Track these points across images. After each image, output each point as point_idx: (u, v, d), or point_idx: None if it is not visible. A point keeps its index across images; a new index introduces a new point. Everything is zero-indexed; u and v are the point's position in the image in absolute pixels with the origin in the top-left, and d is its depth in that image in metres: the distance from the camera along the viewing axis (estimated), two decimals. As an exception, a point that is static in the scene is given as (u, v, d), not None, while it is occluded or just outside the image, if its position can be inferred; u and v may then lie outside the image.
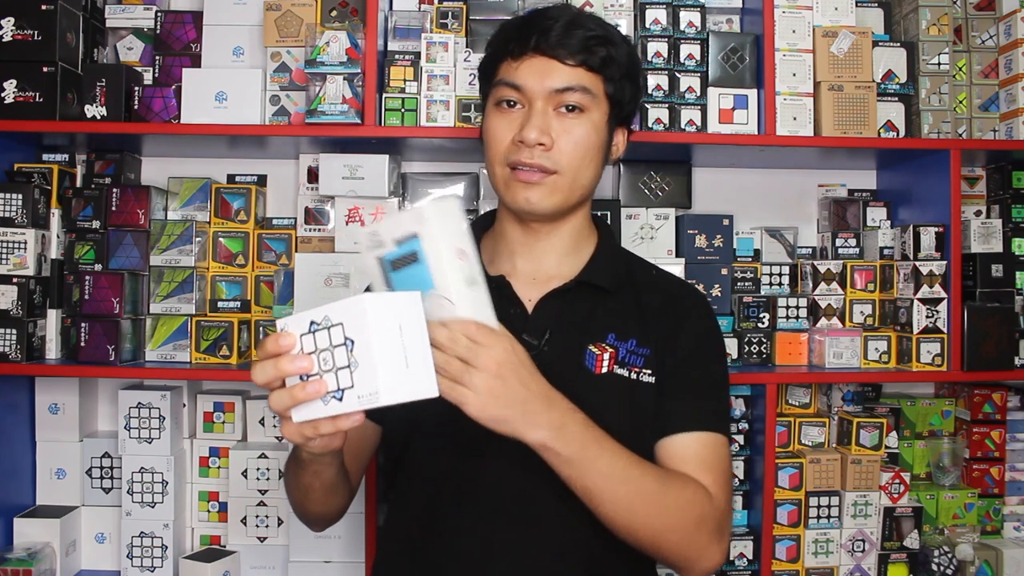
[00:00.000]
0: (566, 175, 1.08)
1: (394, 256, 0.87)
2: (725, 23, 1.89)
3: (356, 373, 0.80)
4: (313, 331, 0.83)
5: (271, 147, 1.83)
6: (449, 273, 0.85)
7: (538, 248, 1.15)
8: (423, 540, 1.10)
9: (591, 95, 1.08)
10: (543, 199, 1.08)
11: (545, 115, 1.07)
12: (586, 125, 1.08)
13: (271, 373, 0.85)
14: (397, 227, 0.86)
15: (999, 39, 1.85)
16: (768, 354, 1.80)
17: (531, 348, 1.08)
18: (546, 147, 1.06)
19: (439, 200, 0.87)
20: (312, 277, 1.68)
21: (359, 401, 0.80)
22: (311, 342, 0.83)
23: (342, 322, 0.81)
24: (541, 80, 1.07)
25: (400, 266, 0.87)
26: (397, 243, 0.86)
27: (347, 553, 1.71)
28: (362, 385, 0.80)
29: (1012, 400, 1.91)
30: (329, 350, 0.82)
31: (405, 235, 0.85)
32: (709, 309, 1.21)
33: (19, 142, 1.77)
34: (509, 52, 1.09)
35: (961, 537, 1.82)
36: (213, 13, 1.80)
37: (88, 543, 1.81)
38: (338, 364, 0.81)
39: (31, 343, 1.67)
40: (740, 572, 1.76)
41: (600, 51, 1.08)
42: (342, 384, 0.81)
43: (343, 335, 0.81)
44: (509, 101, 1.09)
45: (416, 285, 0.85)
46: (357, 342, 0.80)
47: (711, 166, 1.97)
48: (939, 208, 1.76)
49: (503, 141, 1.09)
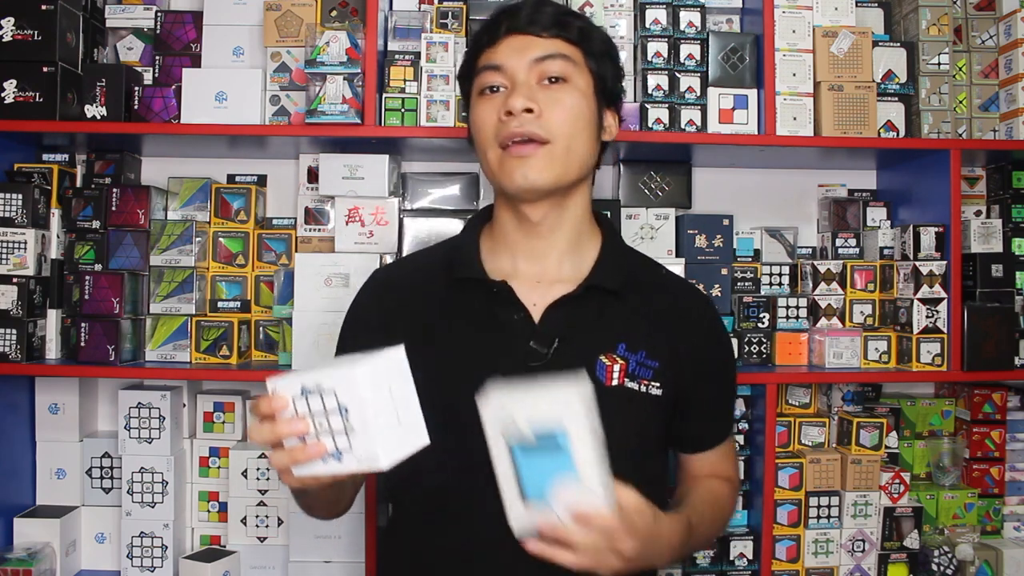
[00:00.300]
0: (559, 143, 1.05)
1: (530, 446, 0.84)
2: (725, 23, 1.89)
3: (354, 438, 0.82)
4: (305, 395, 0.83)
5: (271, 147, 1.83)
6: (596, 465, 0.83)
7: (539, 248, 1.12)
8: (427, 552, 1.10)
9: (572, 63, 1.07)
10: (540, 172, 1.04)
11: (529, 86, 1.05)
12: (573, 94, 1.07)
13: (267, 436, 0.87)
14: (538, 413, 0.83)
15: (999, 39, 1.85)
16: (768, 354, 1.80)
17: (538, 357, 1.07)
18: (535, 113, 1.04)
19: (579, 385, 0.82)
20: (312, 277, 1.68)
21: (359, 464, 0.83)
22: (304, 405, 0.84)
23: (334, 389, 0.82)
24: (520, 54, 1.06)
25: (534, 451, 0.84)
26: (536, 434, 0.83)
27: (347, 553, 1.71)
28: (360, 450, 0.82)
29: (1012, 400, 1.91)
30: (324, 414, 0.83)
31: (546, 426, 0.82)
32: (718, 316, 1.23)
33: (19, 142, 1.77)
34: (485, 43, 1.09)
35: (961, 537, 1.82)
36: (213, 13, 1.80)
37: (88, 543, 1.81)
38: (334, 428, 0.83)
39: (31, 343, 1.67)
40: (740, 572, 1.75)
41: (575, 23, 1.08)
42: (340, 447, 0.83)
43: (336, 402, 0.82)
44: (492, 87, 1.08)
45: (551, 471, 0.84)
46: (351, 410, 0.82)
47: (711, 166, 1.97)
48: (939, 208, 1.76)
49: (490, 122, 1.07)
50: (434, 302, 1.13)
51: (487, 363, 1.06)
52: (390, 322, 1.13)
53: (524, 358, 1.07)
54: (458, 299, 1.11)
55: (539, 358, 1.07)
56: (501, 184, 1.08)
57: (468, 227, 1.20)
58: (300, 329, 1.66)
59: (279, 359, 1.73)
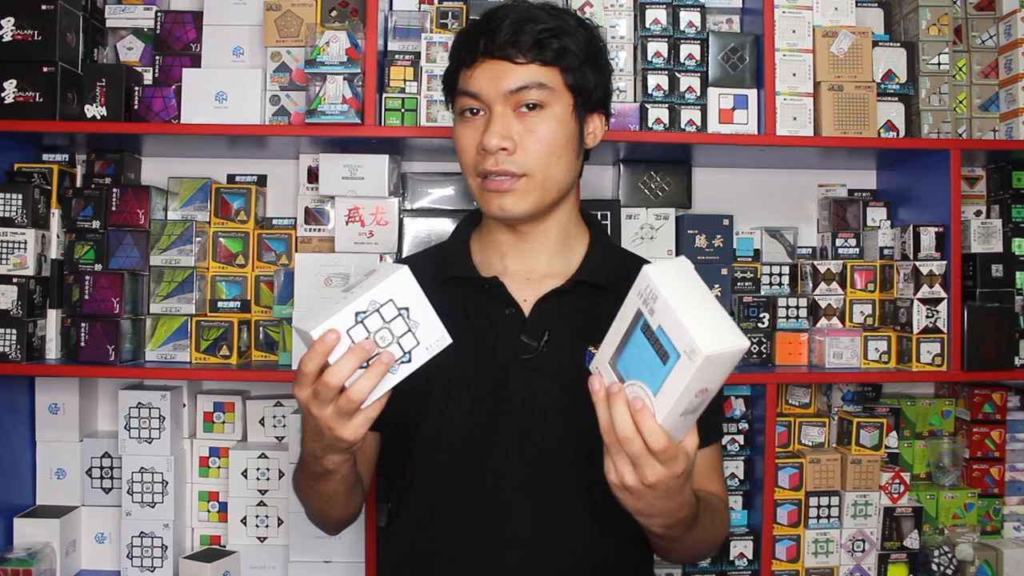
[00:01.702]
0: (536, 175, 1.06)
1: (651, 329, 0.81)
2: (725, 23, 1.89)
3: (419, 331, 0.89)
4: (361, 320, 0.87)
5: (271, 147, 1.83)
6: (673, 406, 0.79)
7: (527, 249, 1.14)
8: (426, 547, 1.10)
9: (549, 90, 1.05)
10: (516, 204, 1.06)
11: (504, 119, 1.05)
12: (549, 122, 1.06)
13: (349, 366, 0.86)
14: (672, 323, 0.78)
15: (999, 39, 1.85)
16: (768, 354, 1.80)
17: (530, 350, 1.08)
18: (509, 151, 1.04)
19: (720, 344, 0.76)
20: (312, 277, 1.68)
21: (427, 352, 0.90)
22: (361, 331, 0.87)
23: (391, 298, 0.88)
24: (495, 84, 1.04)
25: (650, 340, 0.81)
26: (661, 331, 0.79)
27: (347, 553, 1.71)
28: (427, 337, 0.90)
29: (1012, 400, 1.91)
30: (385, 327, 0.88)
31: (673, 342, 0.78)
32: None
33: (19, 142, 1.77)
34: (463, 60, 1.08)
35: (961, 537, 1.82)
36: (213, 13, 1.80)
37: (88, 543, 1.81)
38: (397, 334, 0.88)
39: (31, 343, 1.67)
40: (740, 572, 1.76)
41: (552, 44, 1.05)
42: (406, 347, 0.89)
43: (395, 308, 0.88)
44: (471, 109, 1.08)
45: (645, 366, 0.81)
46: (412, 307, 0.89)
47: (711, 166, 1.97)
48: (939, 208, 1.76)
49: (469, 151, 1.08)
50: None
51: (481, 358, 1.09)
52: None
53: (515, 351, 1.08)
54: (451, 298, 1.11)
55: (530, 351, 1.08)
56: (482, 208, 1.12)
57: (458, 230, 1.23)
58: (300, 329, 1.66)
59: (279, 359, 1.73)
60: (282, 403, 1.82)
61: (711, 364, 0.76)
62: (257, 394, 1.88)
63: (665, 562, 1.78)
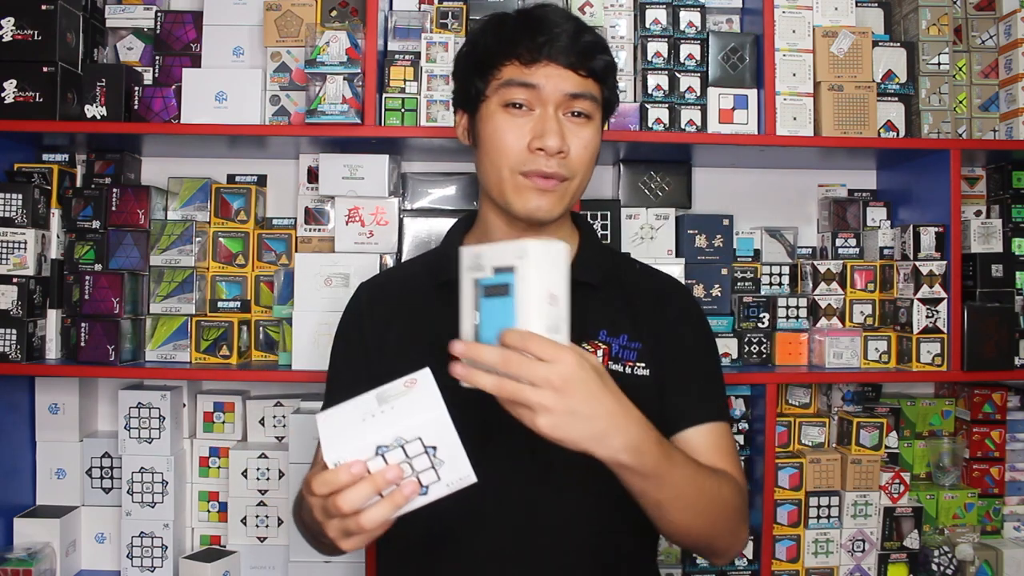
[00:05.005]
0: (576, 179, 1.09)
1: (489, 283, 0.86)
2: (725, 23, 1.89)
3: (442, 469, 0.84)
4: (381, 453, 0.82)
5: (271, 147, 1.83)
6: (534, 315, 0.82)
7: None
8: (426, 550, 1.10)
9: (595, 102, 1.09)
10: (554, 206, 1.08)
11: (559, 121, 1.06)
12: (592, 130, 1.09)
13: (363, 496, 0.81)
14: (499, 256, 0.86)
15: (999, 39, 1.85)
16: (768, 354, 1.80)
17: None
18: (564, 155, 1.06)
19: (546, 241, 0.84)
20: (312, 277, 1.68)
21: (448, 488, 0.85)
22: (380, 463, 0.83)
23: (420, 436, 0.82)
24: (557, 84, 1.06)
25: (492, 294, 0.86)
26: (495, 271, 0.86)
27: (347, 553, 1.71)
28: (450, 475, 0.84)
29: (1012, 400, 1.91)
30: (407, 462, 0.83)
31: (503, 266, 0.85)
32: (696, 302, 1.25)
33: (19, 142, 1.77)
34: (517, 55, 1.06)
35: (961, 537, 1.82)
36: (213, 13, 1.80)
37: (88, 543, 1.81)
38: (418, 469, 0.83)
39: (31, 343, 1.67)
40: (740, 572, 1.76)
41: (603, 58, 1.09)
42: (426, 482, 0.84)
43: (422, 446, 0.83)
44: (517, 103, 1.07)
45: (500, 317, 0.85)
46: (440, 446, 0.83)
47: (711, 166, 1.97)
48: (939, 208, 1.76)
49: (514, 147, 1.06)
50: (422, 307, 1.16)
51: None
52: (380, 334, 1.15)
53: None
54: (445, 301, 1.11)
55: None
56: (509, 204, 1.09)
57: (451, 233, 1.23)
58: (300, 329, 1.66)
59: (279, 359, 1.73)
60: (282, 403, 1.82)
61: (543, 260, 0.83)
62: (257, 394, 1.88)
63: (668, 563, 1.78)
